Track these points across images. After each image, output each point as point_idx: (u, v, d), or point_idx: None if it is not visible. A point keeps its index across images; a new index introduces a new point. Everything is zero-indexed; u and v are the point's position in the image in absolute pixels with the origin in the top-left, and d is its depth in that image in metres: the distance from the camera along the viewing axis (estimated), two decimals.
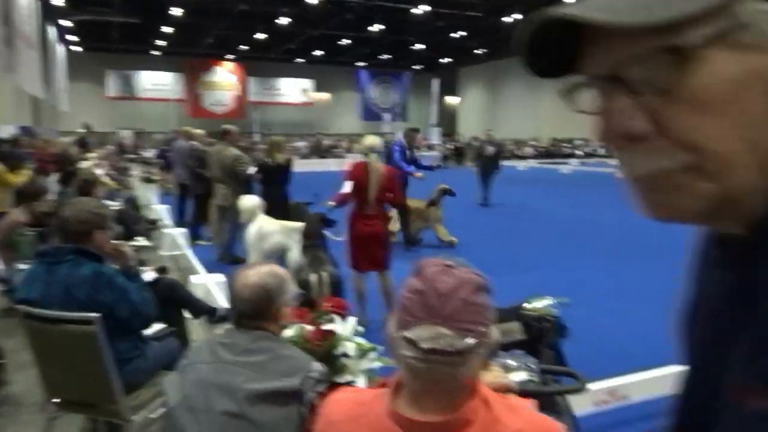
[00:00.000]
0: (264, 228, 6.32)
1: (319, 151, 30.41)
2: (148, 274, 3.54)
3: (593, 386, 3.19)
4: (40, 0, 19.90)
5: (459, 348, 0.98)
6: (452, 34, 35.06)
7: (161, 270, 3.69)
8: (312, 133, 39.13)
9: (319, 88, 46.80)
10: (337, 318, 2.35)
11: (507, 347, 2.05)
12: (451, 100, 52.14)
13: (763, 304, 0.53)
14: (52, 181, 8.35)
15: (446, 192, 8.35)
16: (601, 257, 7.98)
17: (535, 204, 14.37)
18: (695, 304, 0.67)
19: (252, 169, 6.98)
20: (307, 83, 46.14)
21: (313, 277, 4.26)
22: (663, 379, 3.40)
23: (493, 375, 1.39)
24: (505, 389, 1.35)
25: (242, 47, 38.02)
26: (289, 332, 2.36)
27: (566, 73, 0.60)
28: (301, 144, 32.95)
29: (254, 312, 1.66)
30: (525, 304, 2.13)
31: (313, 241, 4.74)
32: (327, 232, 5.30)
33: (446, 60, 45.93)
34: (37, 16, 18.62)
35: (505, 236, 9.81)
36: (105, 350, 2.38)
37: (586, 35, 0.55)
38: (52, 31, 25.51)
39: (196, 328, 4.21)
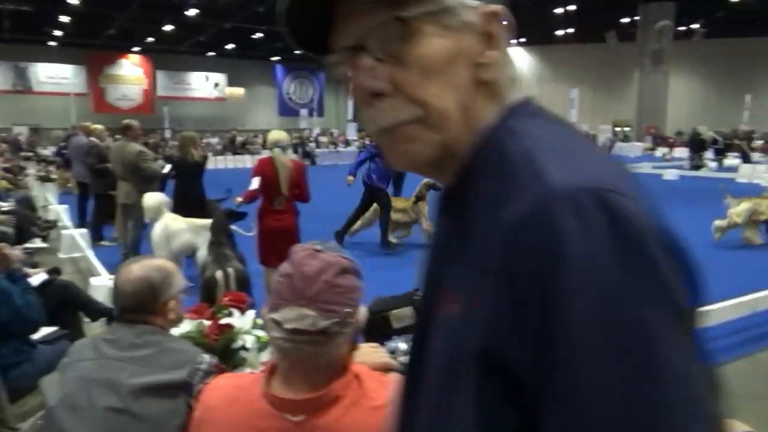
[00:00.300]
0: (170, 227, 6.08)
1: (233, 147, 29.70)
2: (38, 276, 3.36)
3: None
4: None
5: (321, 327, 1.02)
6: None
7: (54, 271, 3.49)
8: (226, 129, 38.16)
9: (233, 82, 45.62)
10: (235, 312, 2.34)
11: (401, 332, 2.13)
12: None
13: (460, 233, 0.65)
14: None
15: (431, 186, 8.22)
16: None
17: None
18: (429, 253, 0.79)
19: (167, 168, 6.66)
20: (219, 77, 44.84)
21: (218, 274, 4.18)
22: None
23: (376, 355, 1.44)
24: (386, 368, 1.42)
25: (149, 39, 36.38)
26: (186, 328, 2.32)
27: (325, 50, 0.71)
28: (214, 140, 32.04)
29: (138, 306, 1.63)
30: (417, 290, 2.20)
31: (218, 238, 4.64)
32: (236, 227, 5.22)
33: None
34: None
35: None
36: None
37: (336, 12, 0.67)
38: None
39: (95, 332, 4.04)
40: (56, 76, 38.81)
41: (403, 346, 1.86)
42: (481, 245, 0.58)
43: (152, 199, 6.10)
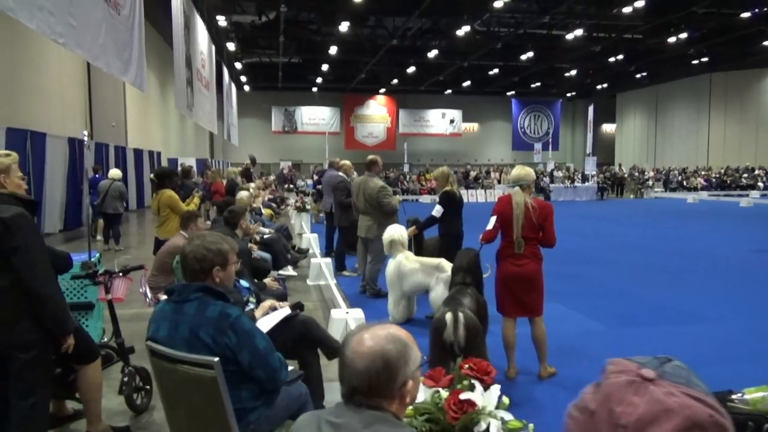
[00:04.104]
0: (403, 266, 6.01)
1: (466, 182, 30.08)
2: (284, 310, 3.41)
3: None
4: (215, 45, 22.09)
5: None
6: (609, 59, 33.15)
7: (297, 306, 3.54)
8: (460, 164, 39.12)
9: (467, 118, 46.80)
10: (478, 385, 1.96)
11: None
12: (608, 127, 49.22)
13: None
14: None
15: None
16: None
17: (709, 243, 12.71)
18: None
19: (439, 210, 6.25)
20: (455, 114, 46.41)
21: (448, 316, 3.88)
22: None
23: None
24: None
25: (393, 81, 39.23)
26: (420, 396, 2.01)
27: None
28: None
29: (371, 387, 1.34)
30: (734, 395, 1.56)
31: (463, 278, 4.35)
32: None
33: (601, 86, 43.58)
34: (211, 60, 20.64)
35: (669, 279, 8.64)
36: (225, 398, 2.21)
37: None
38: (226, 74, 28.20)
39: (331, 370, 4.03)
40: (316, 118, 44.28)
41: None
42: None
43: (388, 233, 6.16)
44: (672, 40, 28.30)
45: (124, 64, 9.67)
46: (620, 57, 32.90)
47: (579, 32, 26.83)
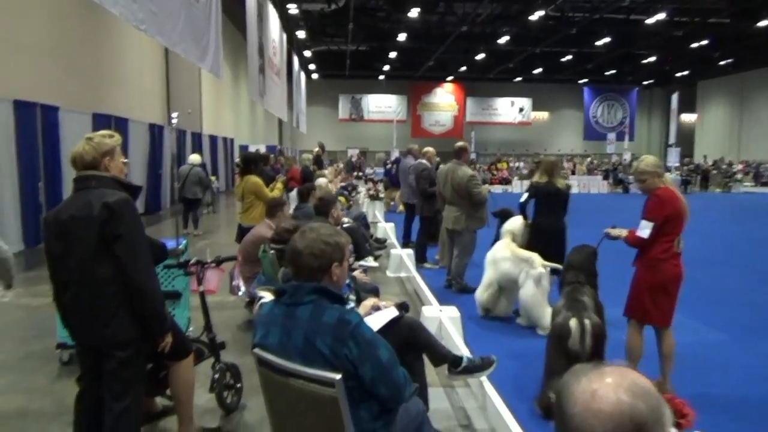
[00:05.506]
0: (497, 252, 5.83)
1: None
2: (389, 311, 3.06)
3: None
4: (285, 33, 22.10)
5: None
6: (692, 45, 31.03)
7: (402, 307, 3.18)
8: (529, 153, 37.94)
9: (537, 106, 45.37)
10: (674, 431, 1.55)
11: None
12: (687, 117, 46.52)
13: None
14: (293, 196, 8.74)
15: None
16: None
17: None
18: None
19: (524, 196, 6.00)
20: (525, 102, 45.08)
21: (572, 323, 3.48)
22: None
23: None
24: None
25: (461, 69, 38.38)
26: None
27: None
28: (519, 164, 31.93)
29: None
30: None
31: (578, 277, 3.91)
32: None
33: (681, 74, 41.06)
34: (282, 48, 20.65)
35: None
36: (347, 420, 1.90)
37: None
38: (296, 61, 28.28)
39: (432, 378, 3.69)
40: (382, 106, 44.11)
41: None
42: None
43: (509, 223, 5.91)
44: (762, 24, 26.10)
45: (201, 51, 9.62)
46: (704, 42, 30.78)
47: (661, 16, 25.13)
